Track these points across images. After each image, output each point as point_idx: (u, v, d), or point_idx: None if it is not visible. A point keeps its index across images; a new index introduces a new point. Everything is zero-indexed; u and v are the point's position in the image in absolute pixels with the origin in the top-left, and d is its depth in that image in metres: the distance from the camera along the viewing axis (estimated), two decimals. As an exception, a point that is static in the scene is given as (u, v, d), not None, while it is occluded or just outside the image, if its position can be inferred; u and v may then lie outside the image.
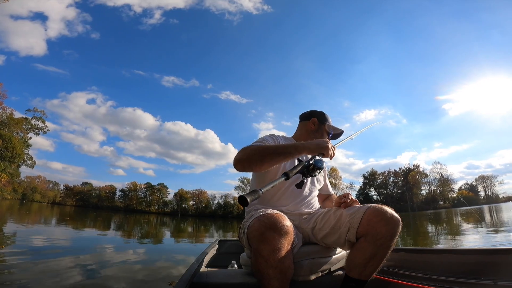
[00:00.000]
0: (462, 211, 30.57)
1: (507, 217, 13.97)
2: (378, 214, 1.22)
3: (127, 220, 19.19)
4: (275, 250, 1.06)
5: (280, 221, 1.09)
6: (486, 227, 9.82)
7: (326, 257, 1.42)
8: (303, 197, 1.54)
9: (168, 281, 3.00)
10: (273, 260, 1.07)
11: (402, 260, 1.56)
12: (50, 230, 8.75)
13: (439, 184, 66.36)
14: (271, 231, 1.06)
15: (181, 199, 71.51)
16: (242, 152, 1.29)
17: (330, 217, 1.39)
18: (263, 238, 1.07)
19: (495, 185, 65.73)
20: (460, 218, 17.22)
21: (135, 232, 10.66)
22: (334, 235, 1.34)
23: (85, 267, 3.47)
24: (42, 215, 17.40)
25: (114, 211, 50.04)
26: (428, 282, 1.36)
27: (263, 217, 1.11)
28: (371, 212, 1.24)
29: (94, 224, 13.25)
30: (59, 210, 30.40)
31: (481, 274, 1.22)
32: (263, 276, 1.12)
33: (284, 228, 1.09)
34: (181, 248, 6.86)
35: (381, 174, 71.46)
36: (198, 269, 1.55)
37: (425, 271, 1.42)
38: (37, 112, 48.42)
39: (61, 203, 68.75)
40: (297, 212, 1.50)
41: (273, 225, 1.07)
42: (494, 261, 1.23)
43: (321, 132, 1.66)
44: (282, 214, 1.18)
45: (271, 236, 1.06)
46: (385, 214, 1.22)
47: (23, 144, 44.35)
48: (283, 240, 1.08)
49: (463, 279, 1.27)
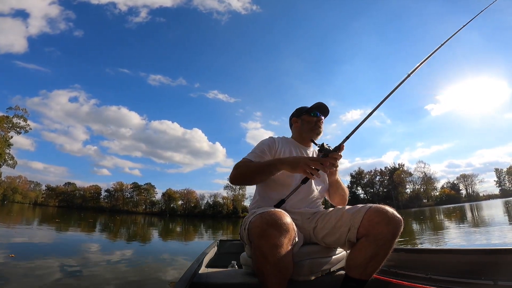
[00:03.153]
0: (445, 209, 31.69)
1: (487, 215, 14.56)
2: (379, 214, 1.21)
3: (117, 221, 18.72)
4: (275, 247, 1.07)
5: (281, 219, 1.10)
6: (468, 224, 10.21)
7: (327, 257, 1.42)
8: (306, 196, 1.54)
9: (168, 281, 2.94)
10: (272, 257, 1.07)
11: (402, 260, 1.57)
12: (45, 233, 8.41)
13: (422, 182, 68.50)
14: (272, 228, 1.07)
15: (169, 199, 70.53)
16: (235, 171, 1.41)
17: (331, 217, 1.38)
18: (264, 235, 1.07)
19: (475, 184, 68.79)
20: (443, 216, 17.82)
21: (135, 232, 10.42)
22: (335, 235, 1.33)
23: (73, 269, 3.34)
24: (32, 217, 16.70)
25: (100, 212, 48.78)
26: (428, 282, 1.37)
27: (265, 214, 1.12)
28: (372, 212, 1.23)
29: (88, 225, 12.85)
30: (42, 211, 29.28)
31: (481, 274, 1.24)
32: (261, 273, 1.12)
33: (285, 226, 1.10)
34: (170, 247, 6.75)
35: (368, 173, 73.12)
36: (198, 269, 1.53)
37: (425, 271, 1.44)
38: (18, 110, 46.54)
39: (43, 204, 66.32)
40: (299, 211, 1.49)
41: (274, 222, 1.08)
42: (494, 261, 1.25)
43: (306, 123, 1.64)
44: (284, 212, 1.17)
45: (271, 233, 1.07)
46: (387, 214, 1.20)
47: (4, 144, 42.55)
48: (283, 238, 1.08)
49: (463, 279, 1.28)
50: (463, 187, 69.34)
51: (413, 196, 67.22)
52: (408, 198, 67.19)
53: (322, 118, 1.65)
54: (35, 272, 3.10)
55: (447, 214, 19.94)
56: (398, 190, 67.23)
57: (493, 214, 14.78)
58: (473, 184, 68.71)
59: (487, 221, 11.14)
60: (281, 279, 1.12)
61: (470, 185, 68.79)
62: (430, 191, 68.47)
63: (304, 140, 1.67)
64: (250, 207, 1.60)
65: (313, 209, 1.54)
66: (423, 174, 68.96)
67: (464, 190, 69.11)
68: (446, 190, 68.01)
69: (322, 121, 1.65)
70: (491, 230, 7.44)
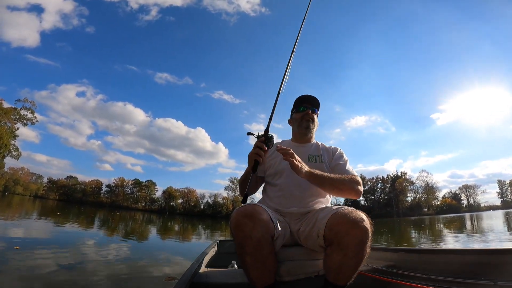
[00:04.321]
0: (444, 218, 31.46)
1: (486, 225, 14.48)
2: (341, 222, 1.12)
3: (117, 217, 18.74)
4: (248, 237, 1.11)
5: (255, 210, 1.15)
6: (467, 233, 10.17)
7: (311, 260, 1.39)
8: (295, 195, 1.49)
9: (163, 277, 2.95)
10: (248, 247, 1.12)
11: (402, 260, 1.58)
12: (46, 226, 8.46)
13: (424, 191, 68.04)
14: (246, 218, 1.12)
15: (169, 197, 70.52)
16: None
17: (311, 220, 1.32)
18: (238, 225, 1.13)
19: (477, 194, 68.22)
20: (443, 225, 17.69)
21: (135, 229, 10.44)
22: (311, 239, 1.29)
23: (69, 262, 3.36)
24: (32, 210, 16.78)
25: (99, 207, 48.83)
26: (428, 282, 1.37)
27: (241, 208, 1.18)
28: (335, 219, 1.14)
29: (89, 220, 12.89)
30: (42, 204, 29.39)
31: (481, 274, 1.24)
32: (244, 265, 1.17)
33: (258, 216, 1.13)
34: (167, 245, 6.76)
35: (370, 180, 72.65)
36: (198, 269, 1.54)
37: (425, 271, 1.44)
38: (27, 102, 46.91)
39: (43, 196, 66.52)
40: (288, 211, 1.46)
41: (248, 213, 1.13)
42: (494, 261, 1.25)
43: (295, 121, 1.63)
44: (262, 207, 1.21)
45: (244, 223, 1.12)
46: (349, 221, 1.10)
47: (10, 135, 42.78)
48: (257, 227, 1.11)
49: (463, 279, 1.29)
50: (464, 197, 68.88)
51: (414, 205, 66.72)
52: (408, 206, 66.73)
53: (309, 111, 1.58)
54: (37, 264, 3.12)
55: (446, 223, 19.79)
56: (399, 198, 66.80)
57: (493, 224, 14.68)
58: (475, 194, 68.25)
59: (486, 230, 11.09)
60: (264, 272, 1.15)
61: (472, 196, 68.33)
62: (431, 200, 67.99)
63: (299, 138, 1.64)
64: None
65: (304, 208, 1.46)
66: (425, 183, 68.61)
67: (465, 200, 68.62)
68: (447, 200, 67.50)
69: (309, 114, 1.58)
70: (490, 240, 7.39)
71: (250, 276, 1.18)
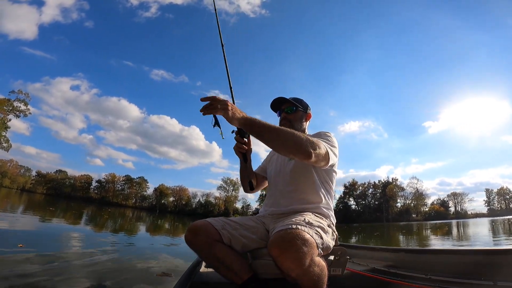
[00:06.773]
0: (433, 224, 31.98)
1: (472, 232, 14.83)
2: (274, 250, 1.01)
3: (108, 213, 18.42)
4: (197, 244, 1.24)
5: (196, 224, 1.28)
6: (452, 239, 10.39)
7: None
8: (274, 196, 1.49)
9: (155, 273, 2.91)
10: (203, 253, 1.26)
11: (401, 260, 1.59)
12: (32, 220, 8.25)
13: (414, 198, 69.12)
14: (189, 232, 1.26)
15: (160, 195, 69.81)
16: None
17: (278, 225, 1.20)
18: (186, 240, 1.27)
19: (465, 202, 69.74)
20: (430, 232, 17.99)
21: (129, 226, 10.28)
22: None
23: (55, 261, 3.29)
24: (18, 203, 16.33)
25: (88, 203, 47.89)
26: (427, 282, 1.39)
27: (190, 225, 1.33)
28: (271, 247, 1.03)
29: (79, 216, 12.62)
30: (29, 198, 28.60)
31: (481, 274, 1.26)
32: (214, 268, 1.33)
33: (198, 229, 1.25)
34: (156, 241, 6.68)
35: (361, 185, 73.39)
36: (198, 269, 1.56)
37: (424, 271, 1.46)
38: (21, 94, 46.11)
39: (30, 190, 64.95)
40: (268, 214, 1.47)
41: (191, 227, 1.27)
42: (494, 262, 1.27)
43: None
44: (207, 221, 1.30)
45: (187, 235, 1.26)
46: (279, 248, 1.00)
47: (2, 126, 41.84)
48: (200, 236, 1.24)
49: (463, 280, 1.31)
50: (452, 204, 70.27)
51: (403, 210, 67.71)
52: (397, 212, 67.69)
53: (283, 114, 1.56)
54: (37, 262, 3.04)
55: (434, 229, 20.13)
56: (389, 203, 67.67)
57: (478, 231, 15.03)
58: (462, 202, 69.74)
59: (471, 236, 11.34)
60: (228, 270, 1.24)
61: (459, 203, 69.78)
62: (420, 206, 69.13)
63: None
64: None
65: (278, 209, 1.44)
66: (415, 189, 69.71)
67: (453, 207, 70.02)
68: (435, 207, 68.73)
69: (284, 117, 1.55)
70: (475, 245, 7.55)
71: (221, 273, 1.28)
